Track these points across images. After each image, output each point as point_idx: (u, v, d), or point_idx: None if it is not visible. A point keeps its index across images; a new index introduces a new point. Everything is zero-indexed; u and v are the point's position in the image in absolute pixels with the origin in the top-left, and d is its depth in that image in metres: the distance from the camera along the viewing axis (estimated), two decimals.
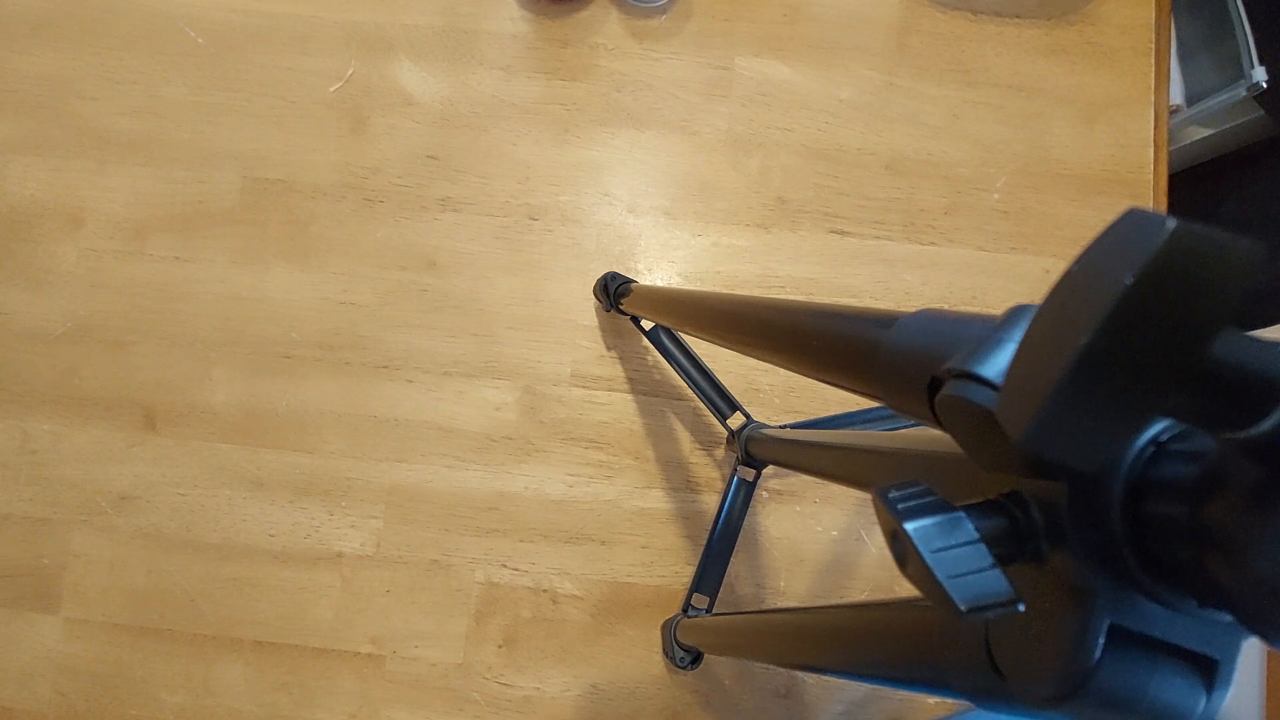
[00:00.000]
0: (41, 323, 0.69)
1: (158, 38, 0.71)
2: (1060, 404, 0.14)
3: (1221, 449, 0.16)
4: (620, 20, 0.71)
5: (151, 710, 0.65)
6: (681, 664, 0.61)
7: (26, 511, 0.67)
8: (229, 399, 0.67)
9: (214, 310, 0.68)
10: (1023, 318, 0.19)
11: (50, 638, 0.66)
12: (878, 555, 0.66)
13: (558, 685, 0.65)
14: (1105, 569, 0.18)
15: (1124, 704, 0.18)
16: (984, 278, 0.69)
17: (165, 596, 0.66)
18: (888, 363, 0.24)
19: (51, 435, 0.68)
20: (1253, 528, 0.15)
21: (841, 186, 0.70)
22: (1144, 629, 0.18)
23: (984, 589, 0.17)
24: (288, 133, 0.70)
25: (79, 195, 0.70)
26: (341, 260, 0.69)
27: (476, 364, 0.68)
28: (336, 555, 0.66)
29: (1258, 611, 0.15)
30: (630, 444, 0.67)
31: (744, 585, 0.66)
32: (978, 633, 0.22)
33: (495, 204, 0.69)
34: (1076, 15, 0.71)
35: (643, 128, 0.70)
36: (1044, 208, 0.69)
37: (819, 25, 0.71)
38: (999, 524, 0.19)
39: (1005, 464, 0.20)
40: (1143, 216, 0.13)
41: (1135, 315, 0.13)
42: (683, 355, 0.63)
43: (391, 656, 0.65)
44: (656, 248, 0.69)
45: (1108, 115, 0.70)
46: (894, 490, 0.19)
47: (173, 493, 0.67)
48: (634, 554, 0.66)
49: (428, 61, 0.71)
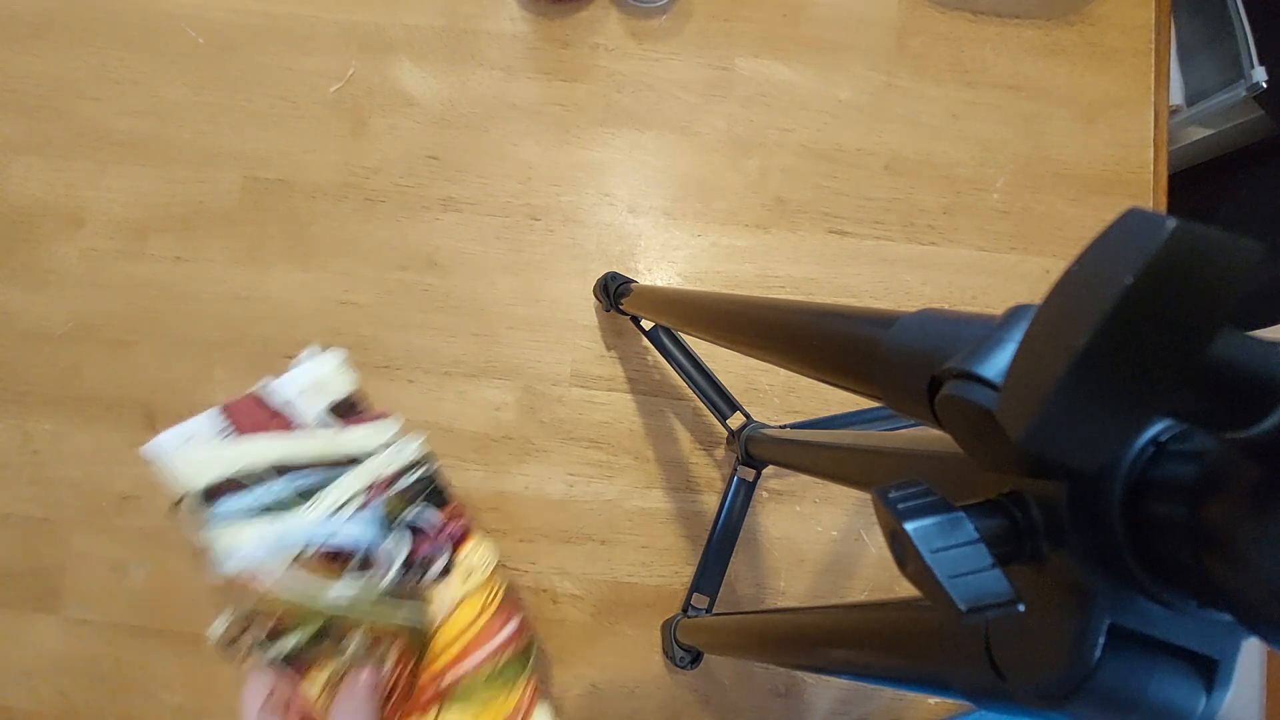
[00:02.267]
0: (42, 323, 0.69)
1: (158, 38, 0.71)
2: (1060, 404, 0.14)
3: (1221, 449, 0.16)
4: (620, 20, 0.71)
5: (151, 710, 0.65)
6: (681, 664, 0.61)
7: (27, 511, 0.67)
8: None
9: (215, 310, 0.68)
10: (1023, 318, 0.19)
11: (50, 638, 0.66)
12: (878, 555, 0.66)
13: (557, 685, 0.65)
14: (1105, 569, 0.18)
15: (1124, 704, 0.18)
16: (984, 278, 0.69)
17: (165, 596, 0.66)
18: (887, 363, 0.24)
19: (52, 435, 0.68)
20: (1253, 528, 0.15)
21: (841, 187, 0.70)
22: (1144, 629, 0.18)
23: (984, 589, 0.17)
24: (288, 133, 0.70)
25: (79, 195, 0.70)
26: (342, 260, 0.69)
27: (477, 364, 0.68)
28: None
29: (1258, 611, 0.15)
30: (630, 444, 0.67)
31: (744, 585, 0.66)
32: (978, 633, 0.22)
33: (496, 204, 0.69)
34: (1076, 15, 0.71)
35: (643, 128, 0.70)
36: (1044, 208, 0.69)
37: (819, 25, 0.72)
38: (999, 524, 0.19)
39: (1005, 464, 0.20)
40: (1143, 216, 0.13)
41: (1135, 315, 0.13)
42: (683, 355, 0.63)
43: None
44: (656, 248, 0.69)
45: (1108, 115, 0.70)
46: (894, 490, 0.19)
47: None
48: (634, 554, 0.66)
49: (428, 61, 0.71)
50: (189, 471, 0.41)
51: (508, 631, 0.46)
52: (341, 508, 0.41)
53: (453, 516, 0.45)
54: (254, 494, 0.40)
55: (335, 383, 0.45)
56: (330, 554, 0.40)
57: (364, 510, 0.41)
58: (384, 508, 0.42)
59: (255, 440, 0.42)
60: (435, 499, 0.45)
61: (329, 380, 0.44)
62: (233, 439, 0.42)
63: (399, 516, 0.43)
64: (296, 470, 0.41)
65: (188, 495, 0.40)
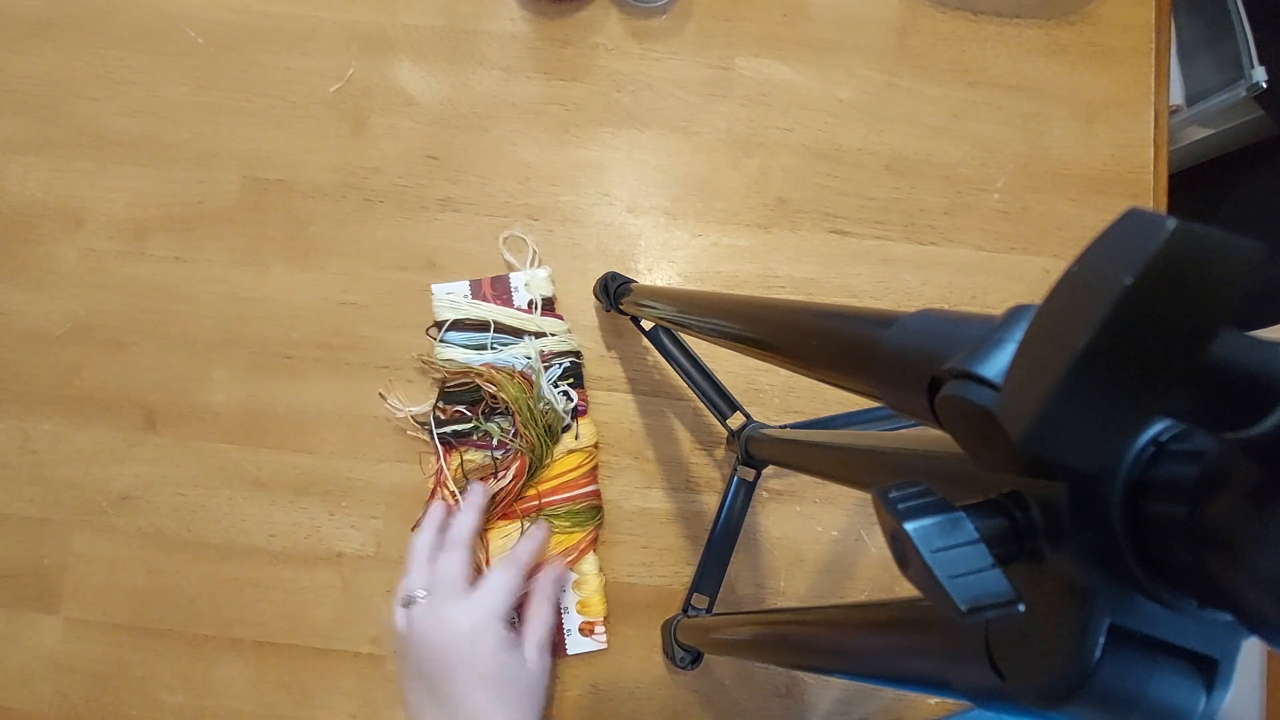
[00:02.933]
0: (42, 323, 0.69)
1: (158, 38, 0.71)
2: (1060, 404, 0.14)
3: (1221, 449, 0.16)
4: (620, 20, 0.71)
5: (151, 710, 0.65)
6: (681, 664, 0.61)
7: (26, 511, 0.67)
8: (229, 399, 0.68)
9: (214, 310, 0.68)
10: (1023, 318, 0.19)
11: (50, 638, 0.66)
12: (878, 555, 0.66)
13: (557, 685, 0.65)
14: (1105, 569, 0.18)
15: (1124, 704, 0.18)
16: (984, 278, 0.69)
17: (165, 596, 0.66)
18: (887, 363, 0.24)
19: (52, 435, 0.68)
20: (1253, 528, 0.15)
21: (841, 186, 0.70)
22: (1144, 629, 0.18)
23: (984, 589, 0.17)
24: (288, 133, 0.70)
25: (79, 195, 0.70)
26: (342, 260, 0.69)
27: None
28: (336, 555, 0.66)
29: (1258, 611, 0.15)
30: (630, 444, 0.67)
31: (744, 585, 0.66)
32: (978, 633, 0.22)
33: (495, 204, 0.69)
34: (1076, 15, 0.71)
35: (643, 128, 0.70)
36: (1044, 208, 0.69)
37: (819, 25, 0.72)
38: (999, 524, 0.19)
39: (1005, 464, 0.20)
40: (1143, 216, 0.13)
41: (1135, 315, 0.13)
42: (683, 355, 0.63)
43: (392, 656, 0.65)
44: (656, 247, 0.69)
45: (1108, 115, 0.70)
46: (894, 490, 0.19)
47: (173, 493, 0.67)
48: (634, 554, 0.66)
49: (428, 61, 0.71)
50: (443, 308, 0.66)
51: (590, 489, 0.64)
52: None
53: (581, 397, 0.65)
54: (473, 334, 0.65)
55: (542, 286, 0.67)
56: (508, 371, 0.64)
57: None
58: (545, 371, 0.64)
59: (485, 305, 0.66)
60: (577, 379, 0.66)
61: (539, 283, 0.67)
62: (473, 300, 0.66)
63: (554, 380, 0.64)
64: (503, 330, 0.65)
65: (440, 322, 0.65)
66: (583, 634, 0.64)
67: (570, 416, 0.64)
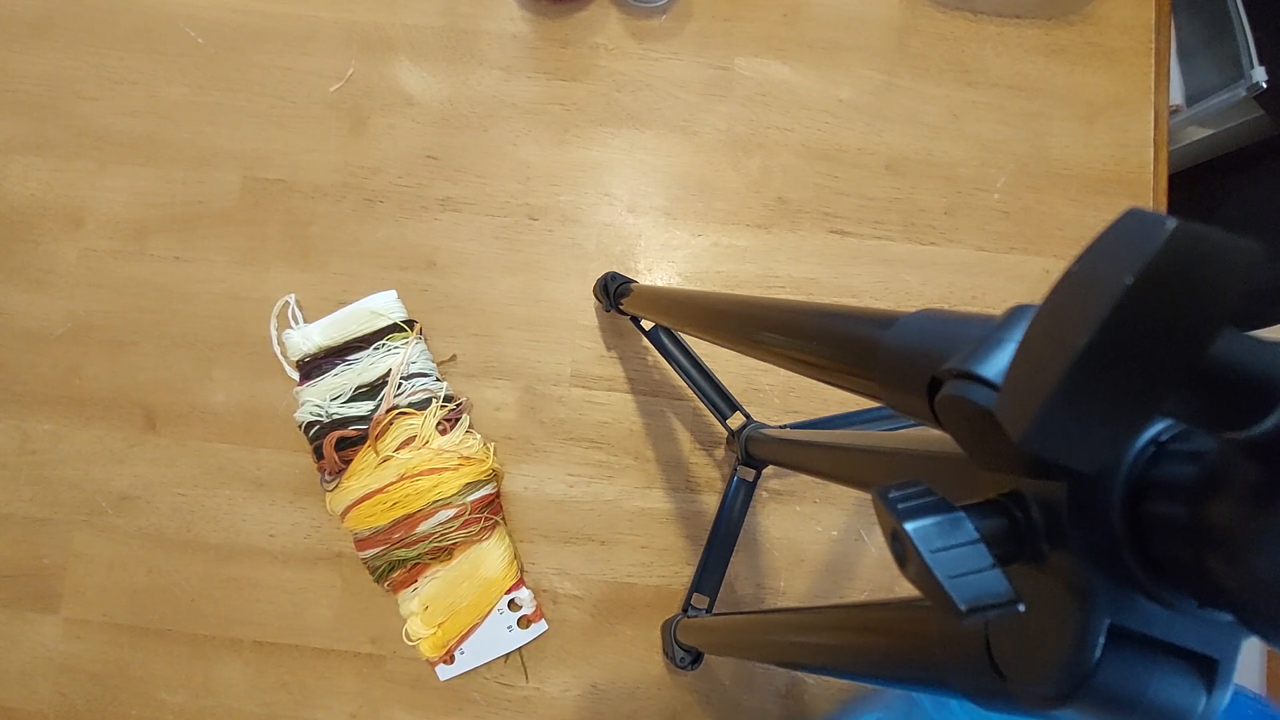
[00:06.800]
0: (42, 323, 0.69)
1: (158, 38, 0.71)
2: (1060, 404, 0.14)
3: (1221, 449, 0.16)
4: (620, 20, 0.71)
5: (151, 710, 0.65)
6: (681, 664, 0.61)
7: (26, 511, 0.67)
8: (229, 399, 0.67)
9: (214, 310, 0.68)
10: (1023, 318, 0.19)
11: (50, 638, 0.66)
12: (878, 555, 0.66)
13: (557, 685, 0.65)
14: (1105, 569, 0.18)
15: (1124, 704, 0.18)
16: (984, 278, 0.69)
17: (165, 596, 0.66)
18: (887, 363, 0.24)
19: (51, 435, 0.68)
20: (1253, 528, 0.15)
21: (841, 186, 0.70)
22: (1144, 629, 0.18)
23: (984, 589, 0.17)
24: (288, 133, 0.70)
25: (79, 195, 0.70)
26: (341, 260, 0.69)
27: (476, 364, 0.68)
28: (336, 555, 0.66)
29: (1258, 611, 0.15)
30: (630, 444, 0.67)
31: (744, 585, 0.66)
32: (978, 633, 0.22)
33: (495, 204, 0.69)
34: (1076, 15, 0.71)
35: (643, 128, 0.70)
36: (1044, 208, 0.69)
37: (819, 25, 0.71)
38: (999, 524, 0.19)
39: (1005, 464, 0.20)
40: (1143, 216, 0.13)
41: (1135, 315, 0.13)
42: (683, 355, 0.63)
43: (391, 656, 0.65)
44: (656, 248, 0.69)
45: (1108, 115, 0.70)
46: (894, 490, 0.19)
47: (173, 493, 0.67)
48: (634, 554, 0.66)
49: (428, 61, 0.71)
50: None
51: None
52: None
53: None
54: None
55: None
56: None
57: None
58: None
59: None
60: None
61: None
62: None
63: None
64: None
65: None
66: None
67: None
